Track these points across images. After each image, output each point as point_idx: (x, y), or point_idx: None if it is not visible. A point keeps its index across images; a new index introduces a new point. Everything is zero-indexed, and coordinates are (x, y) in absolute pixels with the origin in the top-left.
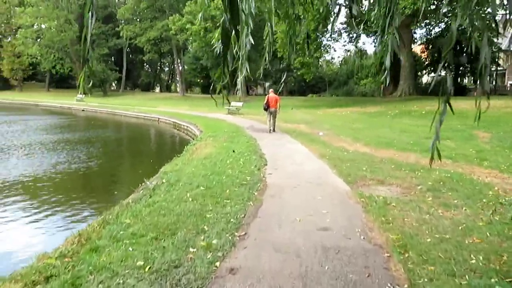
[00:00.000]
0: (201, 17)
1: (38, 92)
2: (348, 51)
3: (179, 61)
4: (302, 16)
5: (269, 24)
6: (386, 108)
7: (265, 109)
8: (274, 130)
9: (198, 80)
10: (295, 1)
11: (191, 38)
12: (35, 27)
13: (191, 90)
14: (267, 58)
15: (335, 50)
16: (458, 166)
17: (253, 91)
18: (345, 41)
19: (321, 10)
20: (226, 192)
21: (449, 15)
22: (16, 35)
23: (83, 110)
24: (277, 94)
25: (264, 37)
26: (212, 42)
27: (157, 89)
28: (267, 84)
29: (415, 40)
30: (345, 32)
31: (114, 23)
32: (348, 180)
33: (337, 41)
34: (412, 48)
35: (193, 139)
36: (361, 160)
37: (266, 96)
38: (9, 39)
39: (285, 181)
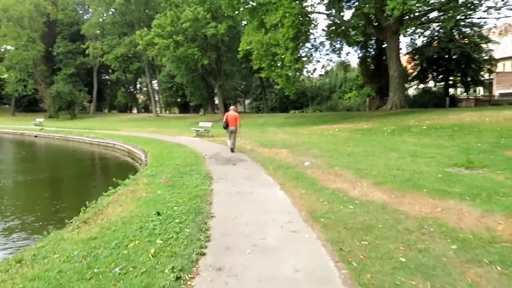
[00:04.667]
0: None
1: (1, 117)
2: (331, 60)
3: (151, 80)
4: (279, 23)
5: None
6: (380, 124)
7: (225, 128)
8: (233, 150)
9: (174, 99)
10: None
11: (161, 53)
12: None
13: (169, 110)
14: None
15: (318, 61)
16: None
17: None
18: (327, 50)
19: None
20: None
21: (436, 21)
22: None
23: (35, 136)
24: (259, 112)
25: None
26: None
27: (135, 110)
28: (247, 101)
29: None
30: (327, 39)
31: (82, 41)
32: None
33: (318, 50)
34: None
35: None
36: (384, 226)
37: (225, 114)
38: None
39: None
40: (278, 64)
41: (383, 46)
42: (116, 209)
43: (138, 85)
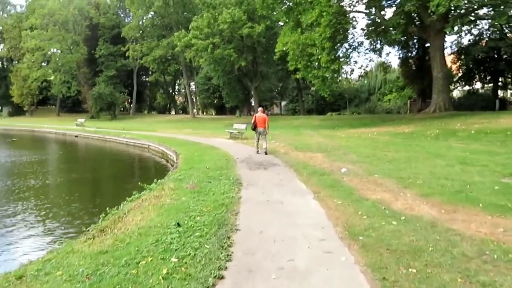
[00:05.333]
0: None
1: (47, 117)
2: (371, 60)
3: (189, 81)
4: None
5: None
6: (422, 128)
7: (253, 129)
8: (265, 153)
9: (211, 101)
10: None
11: (198, 55)
12: (43, 50)
13: (206, 112)
14: None
15: (356, 62)
16: None
17: (268, 110)
18: (367, 49)
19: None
20: None
21: (486, 18)
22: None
23: (76, 136)
24: (296, 114)
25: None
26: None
27: (173, 111)
28: (283, 103)
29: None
30: (367, 38)
31: (123, 43)
32: None
33: (356, 50)
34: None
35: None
36: (436, 250)
37: (254, 116)
38: (18, 63)
39: None
40: (315, 65)
41: (426, 45)
42: (136, 217)
43: (176, 87)
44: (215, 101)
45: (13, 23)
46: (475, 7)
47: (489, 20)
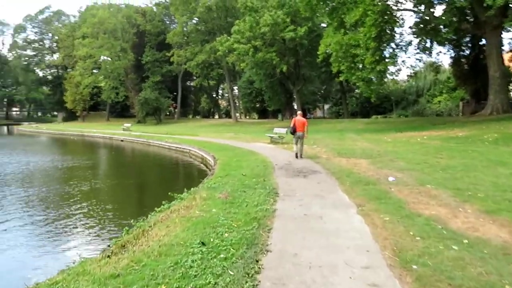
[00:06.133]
0: None
1: (97, 122)
2: (420, 60)
3: (231, 86)
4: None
5: None
6: (479, 131)
7: (292, 133)
8: (301, 157)
9: (253, 105)
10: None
11: (240, 59)
12: (93, 57)
13: (249, 115)
14: None
15: (403, 62)
16: None
17: (311, 114)
18: (416, 48)
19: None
20: None
21: None
22: (75, 67)
23: (122, 141)
24: (339, 117)
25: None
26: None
27: (217, 116)
28: (326, 106)
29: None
30: (415, 37)
31: (168, 49)
32: None
33: (403, 50)
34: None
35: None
36: None
37: (293, 119)
38: (71, 71)
39: None
40: (359, 66)
41: (481, 43)
42: (161, 231)
43: (220, 91)
44: (257, 105)
45: (67, 32)
46: None
47: None
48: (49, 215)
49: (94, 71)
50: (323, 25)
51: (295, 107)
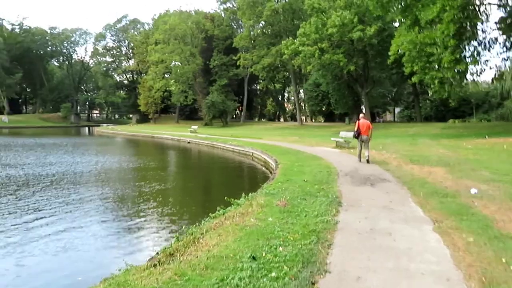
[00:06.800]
0: None
1: (167, 124)
2: (507, 59)
3: (297, 88)
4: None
5: None
6: None
7: (355, 137)
8: (367, 161)
9: (320, 108)
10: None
11: (305, 62)
12: (164, 62)
13: (315, 119)
14: None
15: (486, 61)
16: None
17: (380, 118)
18: (502, 46)
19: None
20: None
21: None
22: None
23: (188, 142)
24: (411, 121)
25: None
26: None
27: (282, 119)
28: (397, 109)
29: None
30: (502, 34)
31: (234, 53)
32: None
33: (487, 48)
34: None
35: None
36: None
37: (357, 122)
38: (145, 75)
39: None
40: (434, 66)
41: None
42: (212, 240)
43: (286, 94)
44: (324, 108)
45: (142, 39)
46: None
47: None
48: (104, 217)
49: (166, 75)
50: (395, 24)
51: (363, 110)
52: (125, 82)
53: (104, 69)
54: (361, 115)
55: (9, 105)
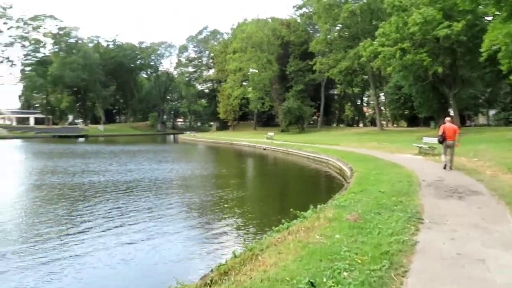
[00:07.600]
0: None
1: (245, 131)
2: None
3: (377, 92)
4: None
5: None
6: None
7: (440, 142)
8: (451, 168)
9: (402, 112)
10: None
11: (385, 63)
12: (242, 70)
13: (397, 123)
14: None
15: None
16: None
17: (471, 121)
18: None
19: None
20: None
21: None
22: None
23: (264, 149)
24: (509, 124)
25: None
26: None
27: (361, 124)
28: (491, 112)
29: None
30: None
31: (310, 58)
32: None
33: None
34: None
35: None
36: None
37: (441, 127)
38: (224, 84)
39: None
40: None
41: None
42: (270, 258)
43: (365, 99)
44: (406, 112)
45: (221, 49)
46: None
47: None
48: (171, 226)
49: (243, 83)
50: (488, 18)
51: (451, 113)
52: (206, 91)
53: (187, 79)
54: (447, 118)
55: (105, 115)
